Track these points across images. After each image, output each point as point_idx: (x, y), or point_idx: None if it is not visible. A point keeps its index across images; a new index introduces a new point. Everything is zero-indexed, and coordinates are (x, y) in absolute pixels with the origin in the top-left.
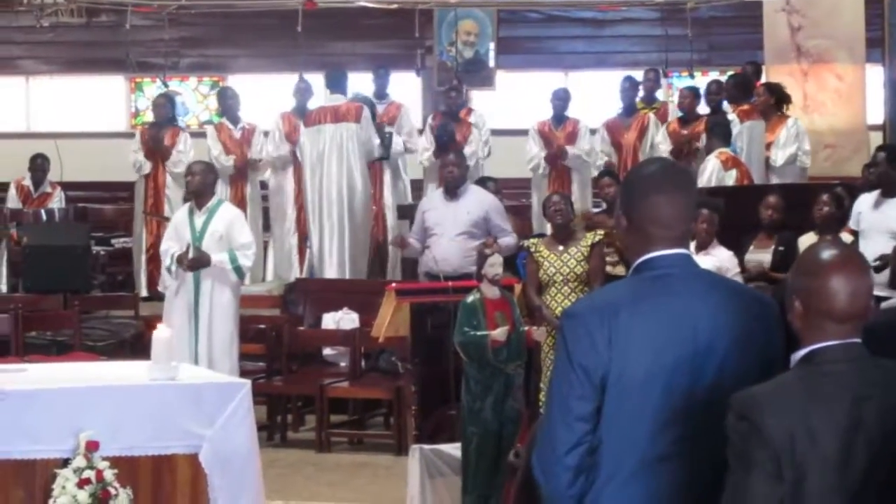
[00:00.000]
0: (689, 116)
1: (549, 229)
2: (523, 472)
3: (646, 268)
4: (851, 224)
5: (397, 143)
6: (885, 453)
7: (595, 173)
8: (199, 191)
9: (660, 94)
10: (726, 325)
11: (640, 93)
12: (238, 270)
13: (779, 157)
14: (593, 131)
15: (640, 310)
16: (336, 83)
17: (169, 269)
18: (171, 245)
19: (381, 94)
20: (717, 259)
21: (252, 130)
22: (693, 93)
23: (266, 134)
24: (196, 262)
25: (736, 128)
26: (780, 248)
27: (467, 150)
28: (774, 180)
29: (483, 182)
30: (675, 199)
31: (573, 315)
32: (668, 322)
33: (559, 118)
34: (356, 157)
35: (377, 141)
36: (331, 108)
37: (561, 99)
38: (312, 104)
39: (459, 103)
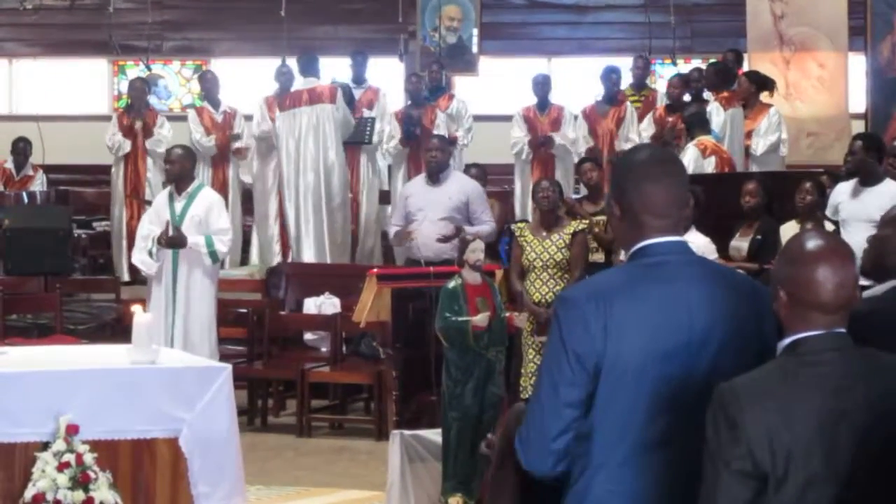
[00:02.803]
0: (676, 104)
1: (531, 215)
2: (499, 456)
3: (642, 255)
4: (829, 213)
5: (378, 130)
6: (870, 441)
7: (576, 159)
8: (179, 177)
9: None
10: (722, 312)
11: (629, 79)
12: (213, 255)
13: (759, 145)
14: (575, 117)
15: (635, 297)
16: (308, 67)
17: (150, 252)
18: (152, 228)
19: (359, 79)
20: (694, 245)
21: (233, 115)
22: (682, 81)
23: (248, 118)
24: (173, 240)
25: (720, 115)
26: (758, 237)
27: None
28: (754, 168)
29: (467, 169)
30: (667, 187)
31: (568, 300)
32: (663, 309)
33: (543, 103)
34: (332, 139)
35: (353, 121)
36: (306, 91)
37: (541, 84)
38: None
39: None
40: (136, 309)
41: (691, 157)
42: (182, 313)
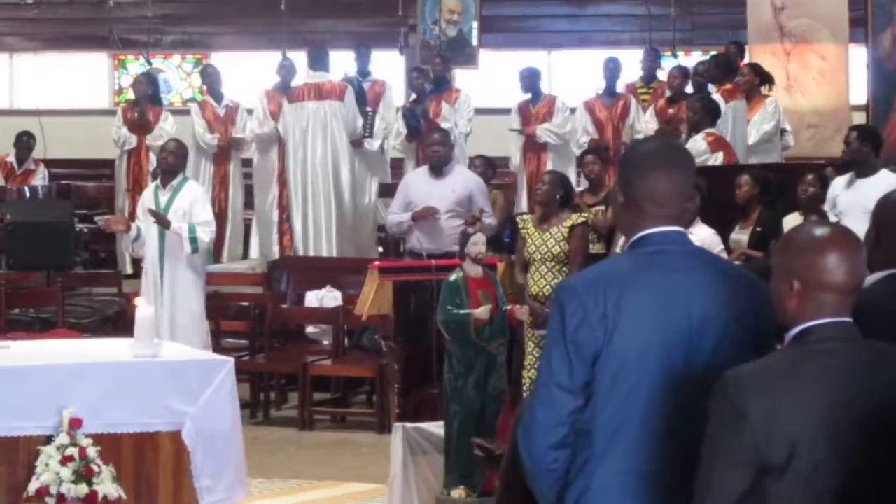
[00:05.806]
0: (676, 96)
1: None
2: (510, 450)
3: (642, 244)
4: (827, 207)
5: (379, 123)
6: (875, 430)
7: (578, 152)
8: (174, 170)
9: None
10: (721, 302)
11: (638, 72)
12: (194, 242)
13: (752, 134)
14: (573, 110)
15: (635, 286)
16: (318, 61)
17: (139, 232)
18: (140, 223)
19: (363, 72)
20: (700, 238)
21: (235, 108)
22: (682, 72)
23: (250, 112)
24: (159, 218)
25: (721, 108)
26: (758, 229)
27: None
28: (751, 158)
29: (471, 161)
30: (670, 177)
31: (568, 288)
32: (663, 299)
33: (534, 95)
34: (340, 135)
35: (360, 121)
36: (314, 86)
37: (526, 78)
38: (296, 82)
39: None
40: (139, 302)
41: (700, 150)
42: (168, 306)
